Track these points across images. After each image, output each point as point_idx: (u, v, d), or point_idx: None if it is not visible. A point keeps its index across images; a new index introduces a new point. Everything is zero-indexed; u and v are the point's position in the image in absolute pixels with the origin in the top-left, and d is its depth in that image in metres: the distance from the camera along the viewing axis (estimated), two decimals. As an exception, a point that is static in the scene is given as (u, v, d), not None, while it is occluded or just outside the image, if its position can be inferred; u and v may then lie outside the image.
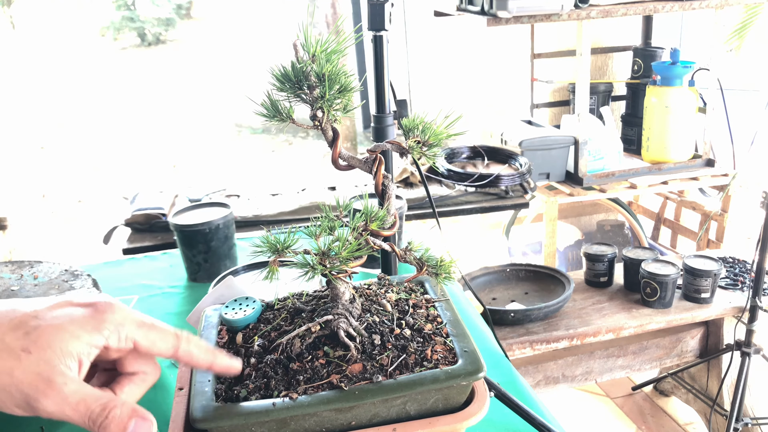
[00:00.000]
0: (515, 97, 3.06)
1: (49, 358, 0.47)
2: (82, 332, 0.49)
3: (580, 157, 2.57)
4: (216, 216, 1.28)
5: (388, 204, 0.68)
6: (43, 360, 0.47)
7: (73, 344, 0.48)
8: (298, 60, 0.62)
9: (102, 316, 0.50)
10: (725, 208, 2.75)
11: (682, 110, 2.63)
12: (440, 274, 0.67)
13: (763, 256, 1.96)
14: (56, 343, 0.48)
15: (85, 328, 0.49)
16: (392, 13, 1.08)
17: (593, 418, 2.52)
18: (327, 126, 0.65)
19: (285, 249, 0.64)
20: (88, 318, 0.50)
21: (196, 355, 0.55)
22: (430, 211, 1.37)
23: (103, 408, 0.48)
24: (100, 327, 0.50)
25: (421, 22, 2.96)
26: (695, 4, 2.42)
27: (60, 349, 0.48)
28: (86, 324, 0.50)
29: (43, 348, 0.48)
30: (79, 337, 0.49)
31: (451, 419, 0.59)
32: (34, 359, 0.47)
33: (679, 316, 2.04)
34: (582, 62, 2.42)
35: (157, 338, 0.53)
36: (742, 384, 2.01)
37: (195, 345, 0.55)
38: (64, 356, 0.48)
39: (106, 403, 0.48)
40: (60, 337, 0.48)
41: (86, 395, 0.48)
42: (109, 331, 0.50)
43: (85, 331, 0.49)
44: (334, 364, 0.60)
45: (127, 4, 7.51)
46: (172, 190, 2.06)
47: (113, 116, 6.03)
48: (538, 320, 2.01)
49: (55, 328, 0.48)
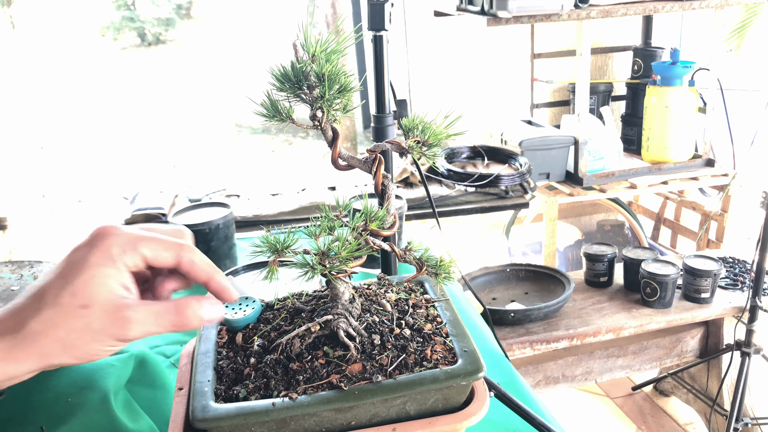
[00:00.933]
0: (515, 97, 3.06)
1: (106, 301, 0.52)
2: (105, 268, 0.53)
3: (580, 157, 2.57)
4: (216, 216, 1.28)
5: (388, 204, 0.68)
6: (104, 306, 0.52)
7: (110, 281, 0.53)
8: (297, 60, 0.62)
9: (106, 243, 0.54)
10: (725, 208, 2.75)
11: (682, 110, 2.63)
12: (440, 274, 0.67)
13: (763, 256, 1.96)
14: (100, 287, 0.52)
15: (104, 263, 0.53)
16: (392, 13, 1.08)
17: (593, 418, 2.52)
18: (327, 126, 0.65)
19: (285, 249, 0.64)
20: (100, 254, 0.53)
21: (198, 265, 0.58)
22: (430, 211, 1.37)
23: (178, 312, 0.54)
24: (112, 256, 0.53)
25: (421, 22, 2.96)
26: (695, 4, 2.42)
27: (107, 290, 0.52)
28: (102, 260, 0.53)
29: (95, 297, 0.52)
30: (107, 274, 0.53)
31: (451, 419, 0.59)
32: (98, 308, 0.52)
33: (679, 316, 2.04)
34: (582, 62, 2.42)
35: (160, 248, 0.56)
36: (742, 384, 2.01)
37: (198, 256, 0.58)
38: (114, 293, 0.52)
39: (176, 307, 0.55)
40: (97, 283, 0.52)
41: (158, 310, 0.54)
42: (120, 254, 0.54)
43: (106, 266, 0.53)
44: (334, 364, 0.60)
45: (127, 4, 7.51)
46: (172, 190, 2.06)
47: (113, 116, 6.03)
48: (538, 320, 2.01)
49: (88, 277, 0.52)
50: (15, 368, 0.52)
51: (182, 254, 0.57)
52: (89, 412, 0.80)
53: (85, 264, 0.53)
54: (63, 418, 0.79)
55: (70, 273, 0.53)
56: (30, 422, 0.79)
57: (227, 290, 0.59)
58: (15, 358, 0.52)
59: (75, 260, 0.53)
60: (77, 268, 0.53)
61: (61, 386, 0.85)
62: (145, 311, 0.53)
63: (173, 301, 0.55)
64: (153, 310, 0.54)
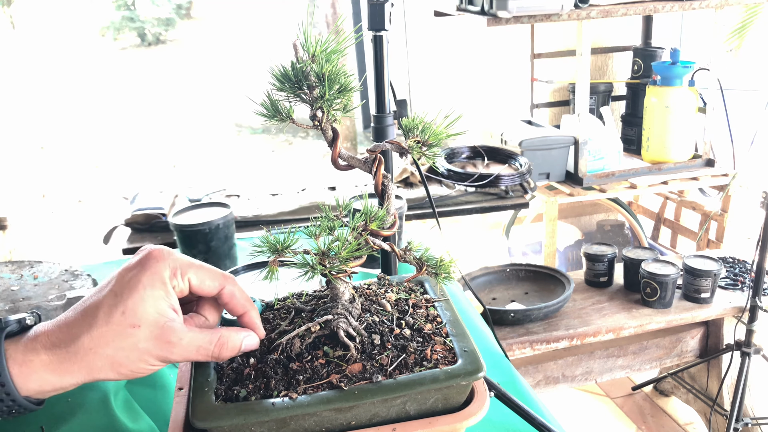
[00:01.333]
0: (515, 97, 3.06)
1: (155, 323, 0.54)
2: (156, 290, 0.55)
3: (580, 157, 2.57)
4: (216, 216, 1.28)
5: (388, 204, 0.68)
6: (152, 328, 0.54)
7: (160, 303, 0.55)
8: (297, 60, 0.62)
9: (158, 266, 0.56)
10: (725, 208, 2.75)
11: (682, 110, 2.63)
12: (440, 274, 0.67)
13: (763, 256, 1.96)
14: (150, 308, 0.55)
15: (155, 285, 0.55)
16: (392, 13, 1.08)
17: (593, 418, 2.52)
18: (327, 126, 0.65)
19: (285, 249, 0.64)
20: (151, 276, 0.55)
21: (238, 297, 0.60)
22: (430, 211, 1.37)
23: (219, 345, 0.57)
24: (163, 278, 0.56)
25: (421, 22, 2.96)
26: (695, 4, 2.42)
27: (156, 311, 0.55)
28: (154, 282, 0.55)
29: (145, 318, 0.54)
30: (157, 296, 0.55)
31: (451, 419, 0.59)
32: (146, 329, 0.54)
33: (679, 316, 2.04)
34: (582, 62, 2.42)
35: (206, 277, 0.59)
36: (742, 384, 2.01)
37: (238, 289, 0.61)
38: (162, 316, 0.55)
39: (219, 340, 0.57)
40: (149, 303, 0.55)
41: (200, 341, 0.57)
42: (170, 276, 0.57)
43: (156, 288, 0.55)
44: (334, 364, 0.60)
45: (127, 4, 7.51)
46: (172, 190, 2.06)
47: (113, 116, 6.03)
48: (538, 320, 2.01)
49: (139, 298, 0.54)
50: (63, 380, 0.54)
51: (225, 285, 0.60)
52: (89, 412, 0.80)
53: (137, 284, 0.55)
54: (63, 418, 0.79)
55: (122, 292, 0.55)
56: (30, 422, 0.79)
57: (259, 328, 0.62)
58: (65, 371, 0.54)
59: (126, 280, 0.55)
60: (129, 287, 0.55)
61: (61, 386, 0.84)
62: (190, 339, 0.56)
63: (216, 332, 0.58)
64: (197, 339, 0.57)
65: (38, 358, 0.54)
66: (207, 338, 0.57)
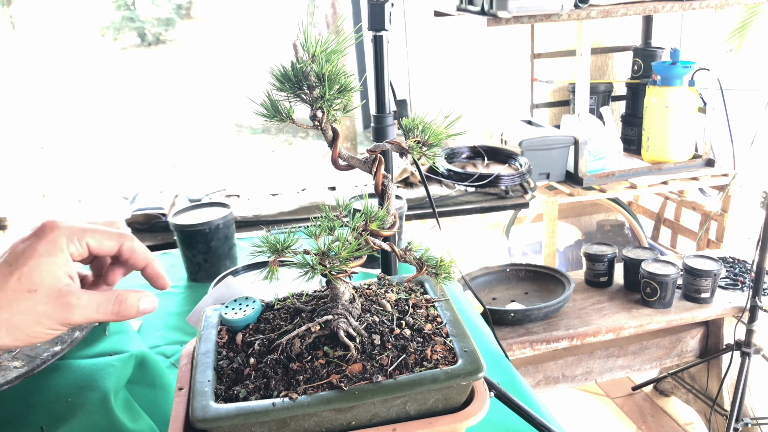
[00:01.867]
0: (515, 97, 3.06)
1: (50, 287, 0.55)
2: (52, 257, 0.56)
3: (580, 157, 2.57)
4: (216, 216, 1.28)
5: (388, 204, 0.68)
6: (49, 291, 0.55)
7: (55, 269, 0.56)
8: (298, 60, 0.62)
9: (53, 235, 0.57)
10: (725, 208, 2.75)
11: (682, 110, 2.63)
12: (440, 274, 0.67)
13: (763, 256, 1.96)
14: (46, 274, 0.56)
15: (51, 252, 0.56)
16: (392, 13, 1.08)
17: (593, 418, 2.52)
18: (327, 126, 0.65)
19: (285, 249, 0.64)
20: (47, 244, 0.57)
21: (137, 251, 0.63)
22: (430, 211, 1.37)
23: (117, 302, 0.59)
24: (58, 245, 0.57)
25: (421, 22, 2.96)
26: (695, 4, 2.42)
27: (52, 277, 0.56)
28: (49, 249, 0.57)
29: (41, 282, 0.55)
30: (53, 262, 0.56)
31: (451, 419, 0.59)
32: (43, 293, 0.55)
33: (679, 316, 2.04)
34: (582, 62, 2.42)
35: (103, 237, 0.61)
36: (742, 384, 2.01)
37: (137, 244, 0.63)
38: (59, 280, 0.56)
39: (116, 297, 0.59)
40: (45, 269, 0.56)
41: (99, 299, 0.58)
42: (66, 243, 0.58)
43: (52, 255, 0.56)
44: (334, 364, 0.60)
45: (127, 4, 7.51)
46: (172, 190, 2.06)
47: (113, 116, 6.03)
48: (538, 320, 2.01)
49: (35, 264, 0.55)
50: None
51: (123, 242, 0.62)
52: (89, 412, 0.80)
53: (33, 253, 0.56)
54: (63, 418, 0.79)
55: (16, 261, 0.56)
56: (30, 422, 0.79)
57: (162, 277, 0.64)
58: None
59: (21, 249, 0.56)
60: (24, 256, 0.56)
61: (61, 386, 0.85)
62: (88, 298, 0.57)
63: (114, 292, 0.60)
64: (95, 298, 0.58)
65: None
66: (105, 296, 0.58)
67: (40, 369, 0.84)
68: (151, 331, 1.13)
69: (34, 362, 0.84)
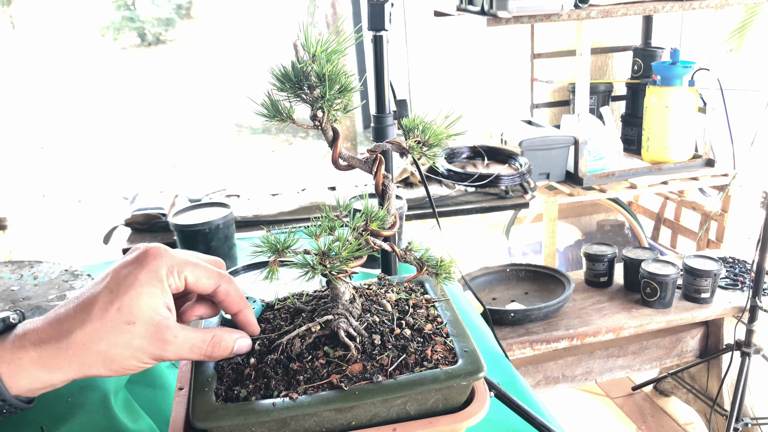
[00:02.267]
0: (515, 97, 3.06)
1: (150, 320, 0.54)
2: (152, 288, 0.55)
3: (580, 157, 2.57)
4: (216, 216, 1.28)
5: (388, 204, 0.68)
6: (147, 326, 0.54)
7: (155, 300, 0.55)
8: (298, 60, 0.62)
9: (155, 264, 0.56)
10: (725, 208, 2.75)
11: (682, 110, 2.63)
12: (440, 274, 0.67)
13: (763, 256, 1.96)
14: (145, 306, 0.54)
15: (151, 283, 0.55)
16: (392, 13, 1.08)
17: (593, 418, 2.52)
18: (327, 126, 0.65)
19: (285, 249, 0.64)
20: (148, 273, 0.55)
21: (233, 296, 0.61)
22: (430, 211, 1.37)
23: (212, 345, 0.58)
24: (159, 276, 0.56)
25: (421, 22, 2.96)
26: (695, 4, 2.42)
27: (151, 309, 0.54)
28: (151, 279, 0.55)
29: (140, 315, 0.54)
30: (153, 294, 0.55)
31: (451, 419, 0.59)
32: (141, 327, 0.54)
33: (679, 316, 2.04)
34: (582, 62, 2.42)
35: (202, 275, 0.59)
36: (742, 384, 2.01)
37: (234, 288, 0.61)
38: (157, 313, 0.55)
39: (212, 339, 0.58)
40: (144, 301, 0.54)
41: (194, 339, 0.57)
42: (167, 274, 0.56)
43: (153, 286, 0.55)
44: (334, 364, 0.60)
45: (127, 4, 7.51)
46: (172, 190, 2.06)
47: (113, 116, 6.03)
48: (538, 320, 2.01)
49: (135, 294, 0.54)
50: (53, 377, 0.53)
51: (221, 284, 0.60)
52: (89, 412, 0.80)
53: (133, 281, 0.54)
54: (63, 418, 0.79)
55: (117, 288, 0.54)
56: (30, 422, 0.79)
57: (253, 325, 0.62)
58: (56, 367, 0.53)
59: (123, 276, 0.55)
60: (125, 284, 0.54)
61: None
62: (184, 337, 0.56)
63: (210, 331, 0.58)
64: (191, 336, 0.57)
65: (27, 355, 0.53)
66: (201, 337, 0.57)
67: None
68: (151, 331, 1.13)
69: (34, 362, 0.84)
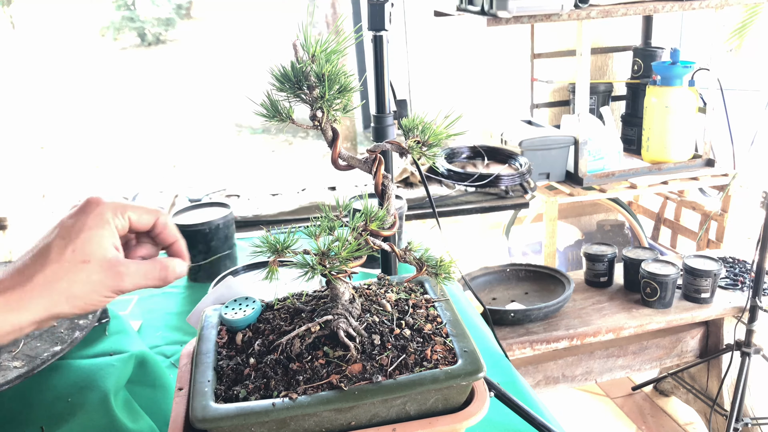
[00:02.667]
0: (515, 97, 3.06)
1: (102, 257, 0.60)
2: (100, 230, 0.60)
3: (580, 157, 2.57)
4: (216, 216, 1.28)
5: (388, 204, 0.68)
6: (101, 262, 0.59)
7: (104, 241, 0.60)
8: (297, 60, 0.62)
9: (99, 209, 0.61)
10: (725, 208, 2.75)
11: (682, 110, 2.63)
12: (440, 274, 0.67)
13: (763, 256, 1.96)
14: (96, 248, 0.59)
15: (99, 225, 0.60)
16: (392, 13, 1.08)
17: (593, 418, 2.52)
18: (327, 126, 0.65)
19: (285, 249, 0.64)
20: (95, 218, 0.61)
21: (169, 227, 0.67)
22: (430, 211, 1.37)
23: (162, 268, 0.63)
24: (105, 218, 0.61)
25: (421, 22, 2.96)
26: (695, 4, 2.42)
27: (102, 248, 0.60)
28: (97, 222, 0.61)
29: (93, 254, 0.59)
30: (102, 235, 0.60)
31: (451, 419, 0.59)
32: (96, 263, 0.59)
33: (679, 316, 2.04)
34: (582, 62, 2.42)
35: (143, 212, 0.65)
36: (742, 384, 2.01)
37: (170, 220, 0.67)
38: (108, 251, 0.60)
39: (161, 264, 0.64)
40: (95, 243, 0.60)
41: (146, 267, 0.62)
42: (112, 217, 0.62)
43: (101, 228, 0.60)
44: (334, 364, 0.60)
45: (127, 4, 7.51)
46: (172, 190, 2.06)
47: (113, 116, 6.03)
48: (538, 320, 2.01)
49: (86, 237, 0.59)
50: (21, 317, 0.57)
51: (159, 216, 0.66)
52: (89, 412, 0.80)
53: (83, 226, 0.60)
54: (63, 418, 0.79)
55: (69, 234, 0.59)
56: (30, 422, 0.79)
57: (186, 255, 0.68)
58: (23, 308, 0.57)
59: (71, 223, 0.60)
60: (75, 229, 0.60)
61: (61, 386, 0.85)
62: (136, 267, 0.62)
63: (157, 260, 0.65)
64: (142, 266, 0.62)
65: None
66: (150, 264, 0.63)
67: (40, 369, 0.84)
68: (151, 331, 1.13)
69: (34, 362, 0.84)
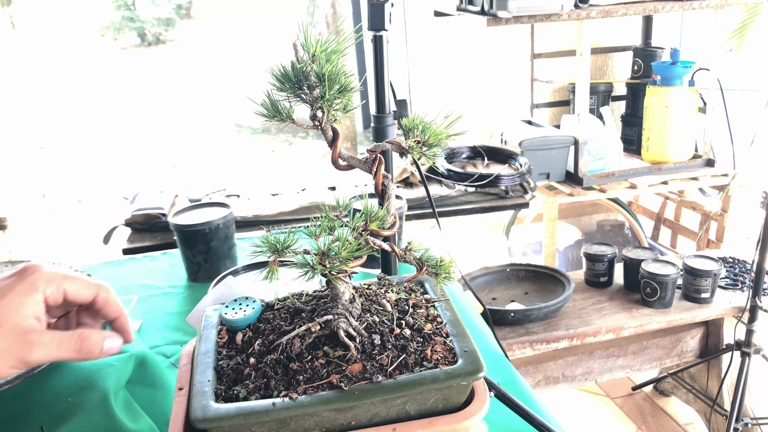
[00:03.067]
0: (515, 97, 3.06)
1: (15, 325, 0.57)
2: (25, 297, 0.58)
3: (580, 157, 2.57)
4: (216, 216, 1.28)
5: (388, 204, 0.68)
6: (12, 329, 0.57)
7: (25, 308, 0.58)
8: (298, 60, 0.62)
9: (33, 277, 0.59)
10: (725, 208, 2.75)
11: (682, 110, 2.63)
12: (440, 274, 0.67)
13: (763, 256, 1.96)
14: (12, 314, 0.58)
15: (25, 292, 0.59)
16: (392, 13, 1.08)
17: (593, 418, 2.52)
18: (327, 126, 0.65)
19: (285, 249, 0.64)
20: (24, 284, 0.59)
21: (111, 303, 0.64)
22: (430, 211, 1.37)
23: (80, 340, 0.60)
24: (35, 287, 0.59)
25: (421, 22, 2.96)
26: (695, 4, 2.42)
27: (19, 315, 0.58)
28: (25, 289, 0.59)
29: (7, 320, 0.57)
30: (24, 302, 0.58)
31: (451, 419, 0.59)
32: (5, 331, 0.57)
33: (679, 316, 2.04)
34: (582, 62, 2.42)
35: (81, 286, 0.62)
36: (742, 384, 2.01)
37: (112, 296, 0.65)
38: (25, 319, 0.58)
39: (80, 335, 0.60)
40: (12, 309, 0.58)
41: (62, 337, 0.59)
42: (44, 286, 0.60)
43: (26, 295, 0.59)
44: (334, 364, 0.60)
45: (127, 4, 7.51)
46: (172, 190, 2.06)
47: (113, 116, 6.03)
48: (538, 320, 2.01)
49: (6, 302, 0.58)
50: None
51: (99, 292, 0.64)
52: (89, 412, 0.80)
53: (8, 291, 0.58)
54: (63, 418, 0.79)
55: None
56: (30, 422, 0.79)
57: (129, 333, 0.65)
58: None
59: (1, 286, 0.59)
60: (1, 293, 0.58)
61: (61, 386, 0.85)
62: (50, 337, 0.59)
63: (77, 330, 0.61)
64: (57, 336, 0.59)
65: None
66: (67, 334, 0.60)
67: (40, 369, 0.84)
68: (151, 331, 1.13)
69: (34, 362, 0.84)
